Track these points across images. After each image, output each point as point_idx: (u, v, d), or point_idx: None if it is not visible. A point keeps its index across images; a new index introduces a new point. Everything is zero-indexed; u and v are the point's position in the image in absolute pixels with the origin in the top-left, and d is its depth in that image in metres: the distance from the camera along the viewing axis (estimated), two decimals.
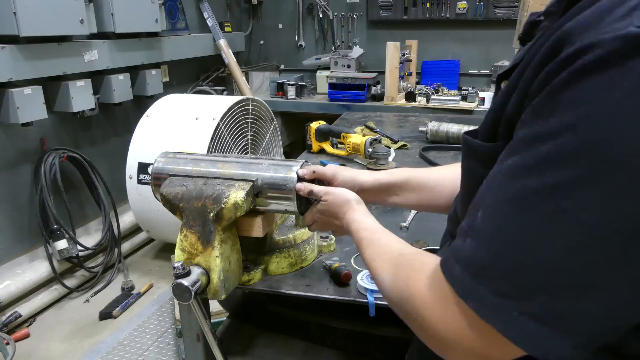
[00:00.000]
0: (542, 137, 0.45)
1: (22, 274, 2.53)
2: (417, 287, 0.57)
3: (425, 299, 0.55)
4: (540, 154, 0.44)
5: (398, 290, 0.61)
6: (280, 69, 4.67)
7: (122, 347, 2.35)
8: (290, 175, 1.00)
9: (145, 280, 2.90)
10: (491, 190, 0.49)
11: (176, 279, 0.92)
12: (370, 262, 0.73)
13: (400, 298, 0.60)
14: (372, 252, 0.74)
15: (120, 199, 3.06)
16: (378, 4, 4.14)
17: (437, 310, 0.53)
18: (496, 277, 0.46)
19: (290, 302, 1.26)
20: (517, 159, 0.47)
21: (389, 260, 0.68)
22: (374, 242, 0.77)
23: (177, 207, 1.00)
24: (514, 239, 0.46)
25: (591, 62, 0.42)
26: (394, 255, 0.68)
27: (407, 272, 0.61)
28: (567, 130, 0.43)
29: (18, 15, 2.21)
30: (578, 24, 0.46)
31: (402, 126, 2.67)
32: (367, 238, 0.79)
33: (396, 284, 0.62)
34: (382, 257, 0.70)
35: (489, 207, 0.49)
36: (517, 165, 0.46)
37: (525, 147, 0.46)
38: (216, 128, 2.49)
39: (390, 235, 0.77)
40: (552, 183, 0.43)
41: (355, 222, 0.85)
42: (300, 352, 1.27)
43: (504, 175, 0.48)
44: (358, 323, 1.21)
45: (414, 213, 1.43)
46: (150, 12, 3.09)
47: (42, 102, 2.44)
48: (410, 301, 0.57)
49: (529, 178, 0.45)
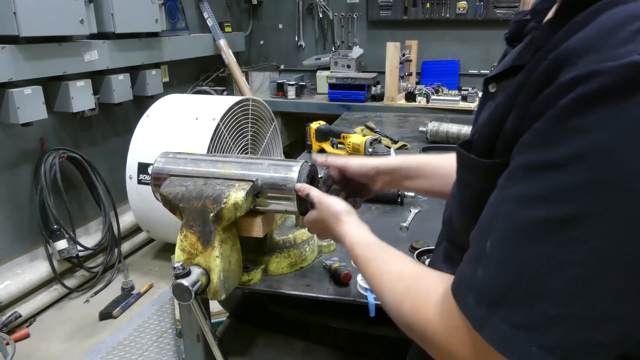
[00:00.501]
0: (550, 166, 0.44)
1: (22, 274, 2.53)
2: (427, 316, 0.56)
3: (438, 329, 0.54)
4: (550, 184, 0.44)
5: (405, 318, 0.61)
6: (280, 69, 4.67)
7: (122, 347, 2.35)
8: (291, 175, 1.00)
9: (145, 281, 2.90)
10: (499, 219, 0.49)
11: (176, 279, 0.92)
12: (371, 282, 0.73)
13: (409, 326, 0.60)
14: (371, 272, 0.73)
15: (120, 199, 3.06)
16: (378, 4, 4.14)
17: (452, 340, 0.52)
18: (511, 308, 0.46)
19: (290, 302, 1.26)
20: (523, 187, 0.47)
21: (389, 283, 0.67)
22: (371, 260, 0.75)
23: (177, 207, 1.00)
24: (527, 269, 0.45)
25: (597, 90, 0.41)
26: (394, 277, 0.67)
27: (411, 298, 0.61)
28: (577, 160, 0.42)
29: (18, 15, 2.21)
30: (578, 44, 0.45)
31: (402, 126, 2.67)
32: (363, 256, 0.77)
33: (402, 311, 0.61)
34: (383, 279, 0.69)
35: (499, 236, 0.48)
36: (526, 194, 0.46)
37: (533, 175, 0.46)
38: (216, 128, 2.49)
39: (386, 250, 0.76)
40: (563, 214, 0.43)
41: (348, 237, 0.84)
42: (300, 352, 1.27)
43: (512, 203, 0.47)
44: (358, 323, 1.21)
45: (414, 213, 1.43)
46: (150, 12, 3.09)
47: (42, 102, 2.44)
48: (420, 329, 0.57)
49: (539, 208, 0.45)
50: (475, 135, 0.60)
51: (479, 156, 0.58)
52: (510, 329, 0.45)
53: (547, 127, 0.45)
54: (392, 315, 0.65)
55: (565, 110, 0.44)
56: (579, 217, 0.42)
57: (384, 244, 0.78)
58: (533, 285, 0.45)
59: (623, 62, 0.41)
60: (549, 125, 0.45)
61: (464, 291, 0.51)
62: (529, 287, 0.45)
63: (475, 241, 0.52)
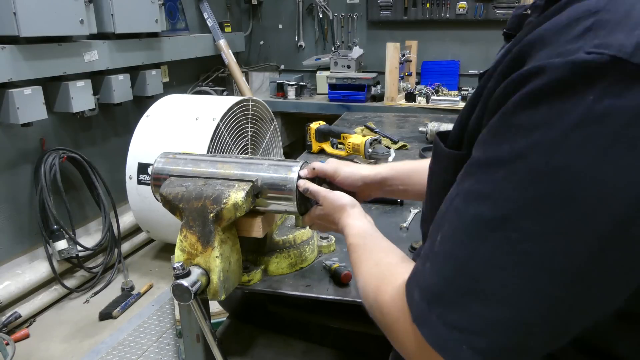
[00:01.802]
0: (494, 163, 0.44)
1: (22, 274, 2.53)
2: (384, 297, 0.58)
3: (390, 309, 0.57)
4: (493, 181, 0.44)
5: (369, 298, 0.63)
6: (280, 69, 4.67)
7: (122, 348, 2.35)
8: (290, 175, 1.00)
9: (145, 281, 2.90)
10: (449, 214, 0.49)
11: (176, 279, 0.92)
12: (353, 266, 0.76)
13: (371, 306, 0.62)
14: (355, 258, 0.76)
15: (120, 199, 3.06)
16: (378, 4, 4.14)
17: (400, 323, 0.54)
18: (447, 306, 0.46)
19: (290, 303, 1.26)
20: (472, 182, 0.47)
21: (366, 267, 0.70)
22: (359, 247, 0.78)
23: (177, 207, 1.00)
24: (465, 268, 0.45)
25: (540, 88, 0.41)
26: (372, 262, 0.70)
27: (377, 282, 0.63)
28: (518, 158, 0.42)
29: (18, 15, 2.21)
30: (537, 37, 0.45)
31: (402, 126, 2.67)
32: (354, 244, 0.80)
33: (367, 292, 0.64)
34: (362, 263, 0.72)
35: (447, 231, 0.48)
36: (473, 190, 0.46)
37: (480, 172, 0.46)
38: (216, 128, 2.49)
39: (378, 240, 0.78)
40: (502, 213, 0.43)
41: (348, 227, 0.86)
42: (300, 353, 1.27)
43: (461, 199, 0.48)
44: (358, 323, 1.21)
45: (414, 213, 1.43)
46: (150, 12, 3.09)
47: (42, 102, 2.44)
48: (377, 309, 0.60)
49: (482, 206, 0.45)
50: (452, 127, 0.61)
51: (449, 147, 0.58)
52: (445, 328, 0.46)
53: (497, 123, 0.45)
54: (362, 297, 0.67)
55: (513, 106, 0.43)
56: (517, 217, 0.42)
57: (379, 235, 0.79)
58: (469, 285, 0.45)
59: (567, 60, 0.40)
60: (499, 122, 0.45)
61: (412, 284, 0.52)
62: (466, 286, 0.45)
63: (429, 235, 0.53)
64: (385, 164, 1.05)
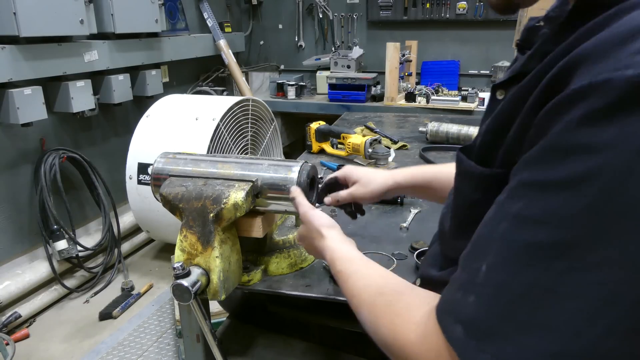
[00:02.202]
0: (553, 186, 0.41)
1: (22, 274, 2.53)
2: (407, 337, 0.53)
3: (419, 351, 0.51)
4: (551, 207, 0.40)
5: (383, 337, 0.58)
6: (280, 69, 4.67)
7: (122, 348, 2.35)
8: (290, 175, 1.00)
9: (145, 281, 2.90)
10: (495, 242, 0.45)
11: (176, 279, 0.92)
12: (349, 298, 0.69)
13: (387, 346, 0.57)
14: (350, 286, 0.70)
15: (120, 199, 3.06)
16: (378, 5, 4.14)
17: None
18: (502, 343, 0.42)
19: (290, 303, 1.25)
20: (522, 207, 0.43)
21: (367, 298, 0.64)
22: (350, 276, 0.71)
23: (177, 207, 1.00)
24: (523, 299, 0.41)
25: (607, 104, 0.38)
26: (373, 291, 0.64)
27: (390, 317, 0.58)
28: (582, 182, 0.39)
29: (18, 15, 2.21)
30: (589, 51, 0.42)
31: (402, 126, 2.67)
32: (343, 271, 0.73)
33: (380, 328, 0.59)
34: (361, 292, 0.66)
35: (496, 261, 0.44)
36: (525, 216, 0.43)
37: (534, 195, 0.42)
38: (216, 128, 2.49)
39: (368, 265, 0.72)
40: (564, 239, 0.39)
41: (328, 251, 0.80)
42: (300, 353, 1.27)
43: (510, 224, 0.44)
44: (358, 323, 1.20)
45: (413, 213, 1.43)
46: (150, 12, 3.09)
47: (42, 102, 2.44)
48: (399, 350, 0.54)
49: (539, 232, 0.41)
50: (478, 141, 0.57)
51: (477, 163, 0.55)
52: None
53: (552, 143, 0.42)
54: (370, 332, 0.61)
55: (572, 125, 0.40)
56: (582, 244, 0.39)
57: (367, 259, 0.74)
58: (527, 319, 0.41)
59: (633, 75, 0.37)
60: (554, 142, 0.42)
61: (450, 319, 0.47)
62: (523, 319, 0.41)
63: (466, 263, 0.48)
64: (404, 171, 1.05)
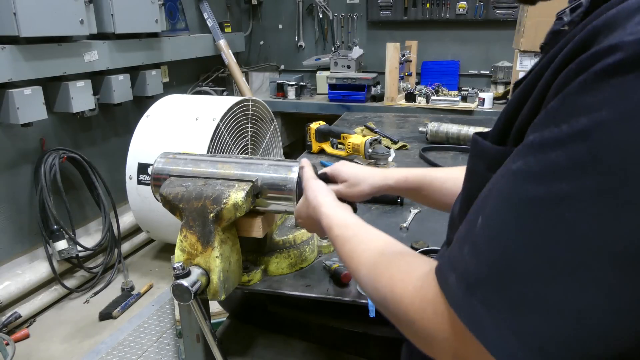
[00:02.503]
0: (551, 143, 0.42)
1: (22, 274, 2.53)
2: (406, 289, 0.54)
3: (415, 301, 0.53)
4: (548, 161, 0.42)
5: (381, 290, 0.58)
6: (280, 69, 4.67)
7: (122, 348, 2.35)
8: (290, 175, 1.00)
9: (145, 281, 2.90)
10: (493, 197, 0.47)
11: (176, 279, 0.92)
12: (347, 260, 0.69)
13: (384, 299, 0.58)
14: (349, 249, 0.70)
15: (120, 200, 3.06)
16: (378, 5, 4.14)
17: (427, 314, 0.51)
18: (490, 289, 0.44)
19: (290, 303, 1.26)
20: (522, 163, 0.44)
21: (368, 258, 0.64)
22: (351, 238, 0.71)
23: (177, 207, 1.00)
24: (512, 249, 0.43)
25: (610, 65, 0.39)
26: (374, 253, 0.65)
27: (391, 272, 0.58)
28: (578, 138, 0.40)
29: (18, 15, 2.21)
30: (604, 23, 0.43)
31: (402, 127, 2.67)
32: (342, 235, 0.73)
33: (379, 283, 0.59)
34: (361, 255, 0.66)
35: (491, 212, 0.46)
36: (523, 171, 0.44)
37: (533, 152, 0.44)
38: (216, 128, 2.49)
39: (367, 229, 0.73)
40: (558, 192, 0.41)
41: (325, 217, 0.80)
42: (300, 353, 1.27)
43: (508, 180, 0.46)
44: (358, 323, 1.21)
45: (414, 213, 1.43)
46: (150, 12, 3.09)
47: (42, 102, 2.44)
48: (396, 303, 0.55)
49: (535, 185, 0.42)
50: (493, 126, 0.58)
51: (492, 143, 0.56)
52: (486, 311, 0.44)
53: (557, 105, 0.43)
54: (368, 291, 0.62)
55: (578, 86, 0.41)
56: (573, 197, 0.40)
57: (365, 224, 0.74)
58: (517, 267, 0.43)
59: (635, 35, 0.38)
60: (559, 103, 0.43)
61: (446, 269, 0.49)
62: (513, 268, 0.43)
63: (467, 218, 0.50)
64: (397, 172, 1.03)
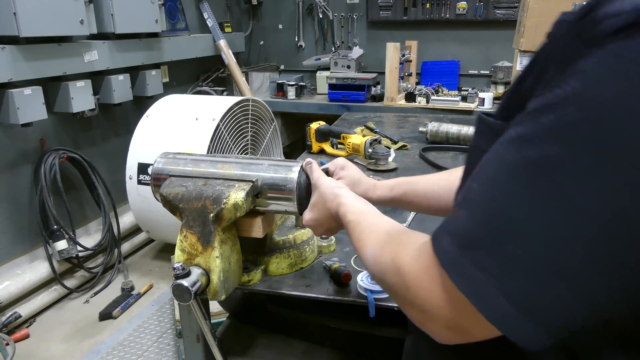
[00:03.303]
0: (545, 108, 0.43)
1: (22, 274, 2.53)
2: (404, 258, 0.55)
3: (411, 268, 0.53)
4: (542, 125, 0.43)
5: (383, 262, 0.59)
6: (280, 69, 4.67)
7: (122, 348, 2.35)
8: (290, 175, 1.00)
9: (145, 281, 2.90)
10: (489, 162, 0.48)
11: (176, 279, 0.92)
12: (356, 241, 0.72)
13: (385, 270, 0.59)
14: (359, 232, 0.73)
15: (120, 200, 3.06)
16: (378, 5, 4.14)
17: (422, 279, 0.51)
18: (482, 249, 0.44)
19: (290, 303, 1.26)
20: (517, 130, 0.45)
21: (375, 237, 0.67)
22: (361, 222, 0.75)
23: (177, 207, 1.00)
24: (505, 210, 0.44)
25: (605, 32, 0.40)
26: (381, 232, 0.67)
27: (393, 245, 0.60)
28: (569, 101, 0.41)
29: (18, 15, 2.21)
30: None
31: (402, 127, 2.66)
32: (354, 220, 0.77)
33: (382, 256, 0.61)
34: (369, 235, 0.69)
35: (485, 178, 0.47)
36: (518, 136, 0.45)
37: (530, 118, 0.45)
38: (216, 128, 2.49)
39: (378, 215, 0.76)
40: (548, 155, 0.42)
41: (343, 207, 0.84)
42: (300, 353, 1.27)
43: (504, 145, 0.46)
44: (358, 323, 1.21)
45: (414, 213, 1.43)
46: (150, 12, 3.09)
47: (42, 102, 2.44)
48: (395, 271, 0.56)
49: (528, 149, 0.43)
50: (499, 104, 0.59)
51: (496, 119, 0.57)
52: (476, 271, 0.44)
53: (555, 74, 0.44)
54: (369, 265, 0.64)
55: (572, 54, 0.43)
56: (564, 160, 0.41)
57: (379, 212, 0.78)
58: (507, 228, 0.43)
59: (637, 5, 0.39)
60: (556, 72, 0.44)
61: (442, 233, 0.49)
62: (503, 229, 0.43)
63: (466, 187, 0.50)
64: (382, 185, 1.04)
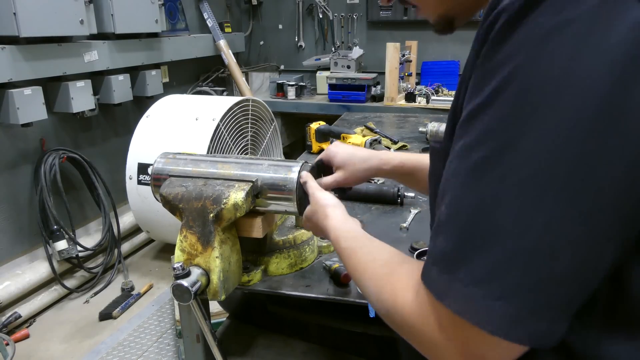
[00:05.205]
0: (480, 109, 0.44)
1: (22, 274, 2.53)
2: (405, 297, 0.54)
3: (413, 307, 0.52)
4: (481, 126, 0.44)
5: (385, 303, 0.58)
6: (280, 69, 4.67)
7: (122, 348, 2.35)
8: (290, 175, 1.00)
9: (145, 281, 2.90)
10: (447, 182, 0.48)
11: (176, 279, 0.92)
12: (353, 272, 0.70)
13: (388, 311, 0.57)
14: (355, 262, 0.70)
15: (120, 200, 3.06)
16: (378, 5, 4.14)
17: (423, 317, 0.50)
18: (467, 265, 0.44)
19: (290, 303, 1.26)
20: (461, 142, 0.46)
21: (373, 271, 0.65)
22: (357, 250, 0.72)
23: (177, 207, 1.00)
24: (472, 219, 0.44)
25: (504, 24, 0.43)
26: (377, 264, 0.65)
27: (393, 283, 0.58)
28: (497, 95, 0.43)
29: (18, 15, 2.21)
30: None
31: (402, 127, 2.67)
32: (349, 247, 0.74)
33: (383, 295, 0.59)
34: (366, 267, 0.67)
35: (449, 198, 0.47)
36: (466, 145, 0.46)
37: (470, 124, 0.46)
38: (216, 129, 2.49)
39: (372, 242, 0.73)
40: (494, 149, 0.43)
41: (332, 230, 0.82)
42: (300, 353, 1.27)
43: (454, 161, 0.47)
44: (358, 324, 1.21)
45: (414, 213, 1.43)
46: (150, 12, 3.09)
47: (42, 102, 2.44)
48: (399, 313, 0.55)
49: (477, 152, 0.44)
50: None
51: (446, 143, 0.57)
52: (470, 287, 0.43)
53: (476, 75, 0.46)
54: (373, 303, 0.62)
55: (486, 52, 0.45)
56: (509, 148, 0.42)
57: (370, 237, 0.75)
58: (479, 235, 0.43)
59: None
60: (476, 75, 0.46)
61: (428, 266, 0.49)
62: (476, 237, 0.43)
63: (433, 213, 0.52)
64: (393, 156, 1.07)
